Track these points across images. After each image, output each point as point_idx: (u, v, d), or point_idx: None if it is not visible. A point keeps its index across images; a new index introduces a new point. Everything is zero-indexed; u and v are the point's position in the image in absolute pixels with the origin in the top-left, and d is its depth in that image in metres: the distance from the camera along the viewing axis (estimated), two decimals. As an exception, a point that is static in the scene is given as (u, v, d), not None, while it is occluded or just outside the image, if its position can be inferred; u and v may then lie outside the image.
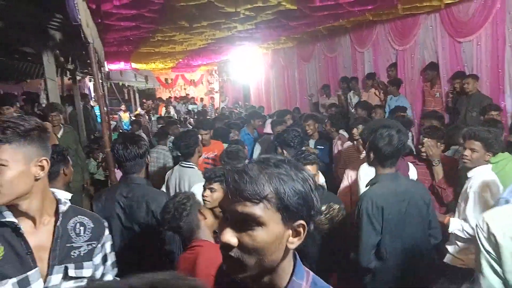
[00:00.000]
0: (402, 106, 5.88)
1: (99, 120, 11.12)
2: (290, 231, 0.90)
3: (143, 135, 8.24)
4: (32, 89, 10.62)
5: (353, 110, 6.89)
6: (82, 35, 3.73)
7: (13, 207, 1.27)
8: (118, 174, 2.88)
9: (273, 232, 0.87)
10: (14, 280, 1.24)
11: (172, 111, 16.05)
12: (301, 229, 0.91)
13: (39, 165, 1.29)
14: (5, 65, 10.72)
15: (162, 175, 4.12)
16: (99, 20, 5.49)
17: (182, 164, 3.47)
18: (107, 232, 1.53)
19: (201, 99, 19.25)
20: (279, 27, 7.81)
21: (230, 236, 0.87)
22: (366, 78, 7.80)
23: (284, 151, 3.54)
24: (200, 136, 3.86)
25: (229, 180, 0.88)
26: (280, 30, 8.20)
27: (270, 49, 12.08)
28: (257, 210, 0.85)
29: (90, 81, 14.84)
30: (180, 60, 13.51)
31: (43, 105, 7.90)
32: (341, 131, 5.09)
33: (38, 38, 5.01)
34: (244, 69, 14.79)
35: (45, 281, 1.31)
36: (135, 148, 2.31)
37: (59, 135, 4.71)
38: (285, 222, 0.88)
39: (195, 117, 13.11)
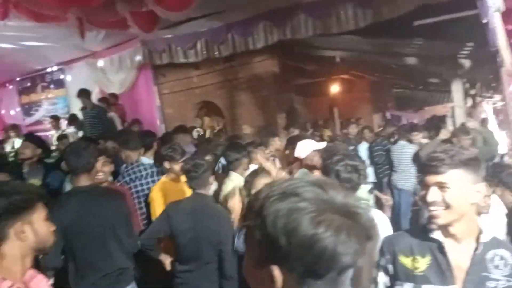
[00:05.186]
0: None
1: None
2: None
3: None
4: (427, 115, 11.39)
5: None
6: (498, 59, 3.59)
7: (444, 227, 1.44)
8: None
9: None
10: (438, 287, 1.41)
11: None
12: None
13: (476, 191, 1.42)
14: (407, 95, 12.16)
15: None
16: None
17: None
18: None
19: None
20: None
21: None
22: None
23: None
24: None
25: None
26: None
27: None
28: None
29: (487, 104, 14.13)
30: None
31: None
32: None
33: (448, 68, 5.29)
34: None
35: None
36: None
37: None
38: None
39: None
